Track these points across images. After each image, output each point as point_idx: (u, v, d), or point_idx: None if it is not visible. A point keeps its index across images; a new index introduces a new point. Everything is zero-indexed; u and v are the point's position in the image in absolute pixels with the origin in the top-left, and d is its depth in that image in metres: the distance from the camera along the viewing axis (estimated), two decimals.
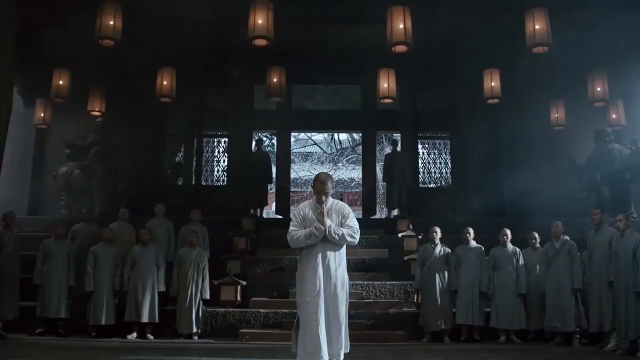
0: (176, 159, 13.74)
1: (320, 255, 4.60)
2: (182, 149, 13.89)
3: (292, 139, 22.38)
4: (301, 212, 4.77)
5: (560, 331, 7.32)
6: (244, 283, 8.52)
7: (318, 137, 24.02)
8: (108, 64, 11.77)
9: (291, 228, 4.72)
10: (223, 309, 8.13)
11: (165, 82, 10.45)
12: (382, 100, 10.40)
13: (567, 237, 7.64)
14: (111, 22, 8.16)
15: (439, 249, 7.92)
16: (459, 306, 7.77)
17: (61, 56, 11.15)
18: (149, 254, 8.07)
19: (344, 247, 4.75)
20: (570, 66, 11.42)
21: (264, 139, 20.60)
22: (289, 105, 13.36)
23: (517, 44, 10.71)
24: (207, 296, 8.02)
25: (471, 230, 8.08)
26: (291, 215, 4.84)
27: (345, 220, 4.71)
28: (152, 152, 12.73)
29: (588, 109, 11.37)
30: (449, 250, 7.96)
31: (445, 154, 13.44)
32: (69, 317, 8.02)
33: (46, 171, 12.75)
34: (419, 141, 13.33)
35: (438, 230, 8.03)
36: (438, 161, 13.41)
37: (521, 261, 7.79)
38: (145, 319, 7.81)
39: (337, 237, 4.60)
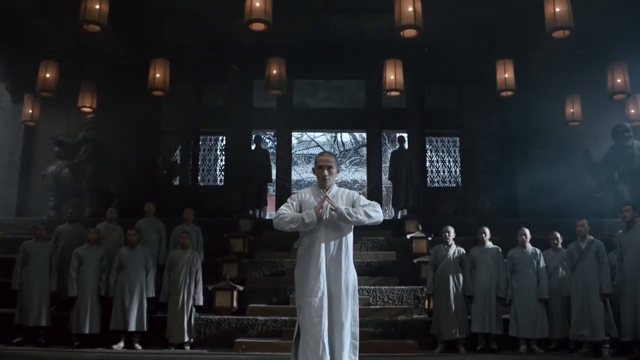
0: (173, 158, 13.13)
1: (323, 246, 3.91)
2: (179, 148, 13.32)
3: (295, 141, 22.01)
4: (299, 196, 4.12)
5: (588, 340, 6.65)
6: (241, 288, 7.89)
7: (321, 139, 23.50)
8: (100, 58, 11.28)
9: (282, 208, 4.05)
10: (218, 317, 7.49)
11: (158, 75, 9.82)
12: (388, 93, 9.76)
13: (591, 237, 6.99)
14: (97, 6, 7.55)
15: (453, 250, 7.28)
16: (474, 313, 7.12)
17: (51, 50, 10.61)
18: (136, 257, 7.45)
19: (351, 236, 4.06)
20: (586, 57, 10.87)
21: (267, 140, 20.06)
22: (289, 103, 12.76)
23: (531, 34, 10.30)
24: (201, 302, 7.39)
25: (487, 230, 7.45)
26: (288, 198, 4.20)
27: (358, 203, 4.04)
28: (146, 150, 12.14)
29: (605, 103, 10.78)
30: (464, 252, 7.32)
31: (455, 151, 12.79)
32: (50, 325, 7.38)
33: (35, 171, 12.17)
34: (426, 138, 12.66)
35: (451, 230, 7.39)
36: (447, 159, 12.75)
37: (542, 263, 7.15)
38: (132, 327, 7.18)
39: (358, 217, 3.90)
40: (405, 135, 11.89)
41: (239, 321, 7.41)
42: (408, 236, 9.37)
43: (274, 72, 9.82)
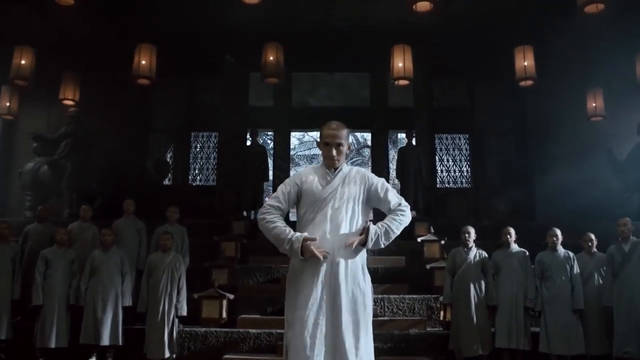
0: (165, 156, 12.21)
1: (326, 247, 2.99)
2: (172, 147, 12.40)
3: (296, 142, 21.13)
4: (299, 179, 3.14)
5: (635, 358, 5.71)
6: (231, 297, 6.95)
7: None
8: (83, 47, 10.41)
9: (268, 203, 3.11)
10: (204, 329, 6.54)
11: (143, 62, 8.96)
12: (396, 82, 8.91)
13: (635, 238, 6.08)
14: None
15: (474, 253, 6.37)
16: (499, 326, 6.20)
17: (31, 38, 9.74)
18: (111, 260, 6.53)
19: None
20: (610, 47, 10.01)
21: (268, 141, 19.14)
22: (288, 101, 11.88)
23: (552, 20, 9.47)
24: (184, 312, 6.45)
25: (512, 231, 6.54)
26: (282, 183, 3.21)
27: (380, 194, 3.13)
28: (133, 147, 11.24)
29: (629, 98, 9.93)
30: (486, 255, 6.41)
31: (466, 150, 11.87)
32: (11, 339, 6.44)
33: (14, 169, 11.25)
34: (435, 135, 11.76)
35: (472, 230, 6.49)
36: (458, 158, 11.83)
37: (576, 269, 6.22)
38: (105, 341, 6.27)
39: (390, 238, 3.08)
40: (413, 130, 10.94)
41: (229, 334, 6.46)
42: (419, 239, 8.45)
43: (271, 58, 8.95)
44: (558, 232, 6.39)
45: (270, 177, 11.14)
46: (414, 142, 10.47)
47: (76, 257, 6.71)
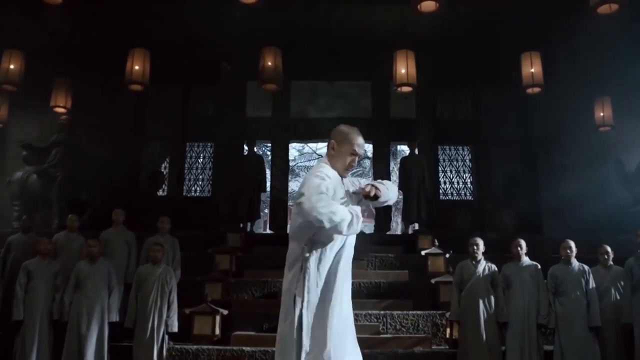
0: (162, 167, 11.83)
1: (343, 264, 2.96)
2: (169, 158, 12.04)
3: (296, 153, 20.79)
4: (329, 181, 2.91)
5: None
6: (225, 312, 6.56)
7: (323, 150, 22.32)
8: (76, 54, 10.11)
9: (322, 192, 2.79)
10: (196, 346, 6.14)
11: (137, 67, 8.62)
12: (399, 89, 8.58)
13: None
14: None
15: (483, 266, 6.00)
16: (510, 344, 5.84)
17: (21, 42, 9.45)
18: (97, 272, 6.14)
19: None
20: (618, 55, 9.73)
21: (267, 153, 18.81)
22: (287, 111, 11.54)
23: (557, 26, 9.21)
24: (175, 329, 6.06)
25: (523, 243, 6.18)
26: (315, 178, 2.85)
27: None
28: (126, 157, 10.87)
29: (638, 106, 9.61)
30: (496, 269, 6.04)
31: (470, 161, 11.52)
32: None
33: (3, 178, 10.88)
34: (439, 147, 11.41)
35: (480, 242, 6.12)
36: (462, 170, 11.47)
37: (592, 283, 5.85)
38: (90, 359, 5.83)
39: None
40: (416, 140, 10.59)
41: (222, 352, 6.05)
42: (422, 253, 8.08)
43: (269, 63, 8.62)
44: (572, 244, 6.05)
45: (268, 188, 10.78)
46: (416, 151, 10.11)
47: (61, 269, 6.32)
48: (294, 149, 19.53)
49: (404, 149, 14.64)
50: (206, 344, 6.20)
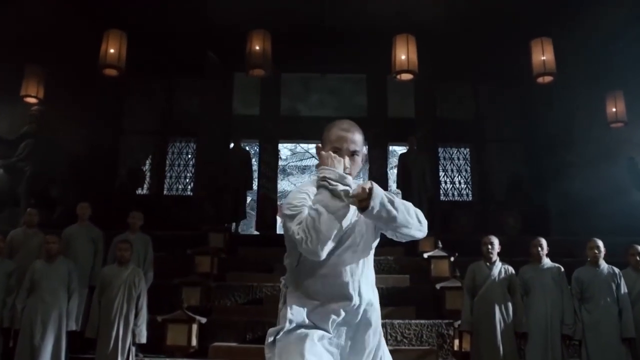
0: (144, 165, 11.05)
1: (348, 270, 2.15)
2: (151, 155, 11.27)
3: (288, 152, 20.03)
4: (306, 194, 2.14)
5: None
6: (203, 320, 5.77)
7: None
8: (50, 39, 9.34)
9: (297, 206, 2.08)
10: (168, 359, 5.34)
11: (112, 50, 7.86)
12: (398, 77, 7.86)
13: None
14: None
15: (499, 268, 5.26)
16: (531, 357, 5.07)
17: None
18: (55, 273, 5.37)
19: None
20: (631, 47, 9.12)
21: (256, 148, 18.11)
22: (276, 107, 10.82)
23: (565, 15, 8.61)
24: (143, 339, 5.29)
25: (544, 243, 5.46)
26: (291, 198, 2.13)
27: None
28: (103, 152, 10.09)
29: None
30: (513, 271, 5.30)
31: (471, 160, 10.83)
32: None
33: None
34: (439, 146, 10.72)
35: (495, 241, 5.39)
36: (464, 169, 10.77)
37: (623, 288, 5.13)
38: None
39: (394, 212, 2.04)
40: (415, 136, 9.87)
41: None
42: (425, 255, 7.33)
43: (257, 47, 7.89)
44: (600, 243, 5.33)
45: (255, 187, 10.01)
46: (415, 147, 9.39)
47: (16, 269, 5.52)
48: (286, 148, 18.80)
49: (396, 150, 13.91)
50: (180, 356, 5.48)
